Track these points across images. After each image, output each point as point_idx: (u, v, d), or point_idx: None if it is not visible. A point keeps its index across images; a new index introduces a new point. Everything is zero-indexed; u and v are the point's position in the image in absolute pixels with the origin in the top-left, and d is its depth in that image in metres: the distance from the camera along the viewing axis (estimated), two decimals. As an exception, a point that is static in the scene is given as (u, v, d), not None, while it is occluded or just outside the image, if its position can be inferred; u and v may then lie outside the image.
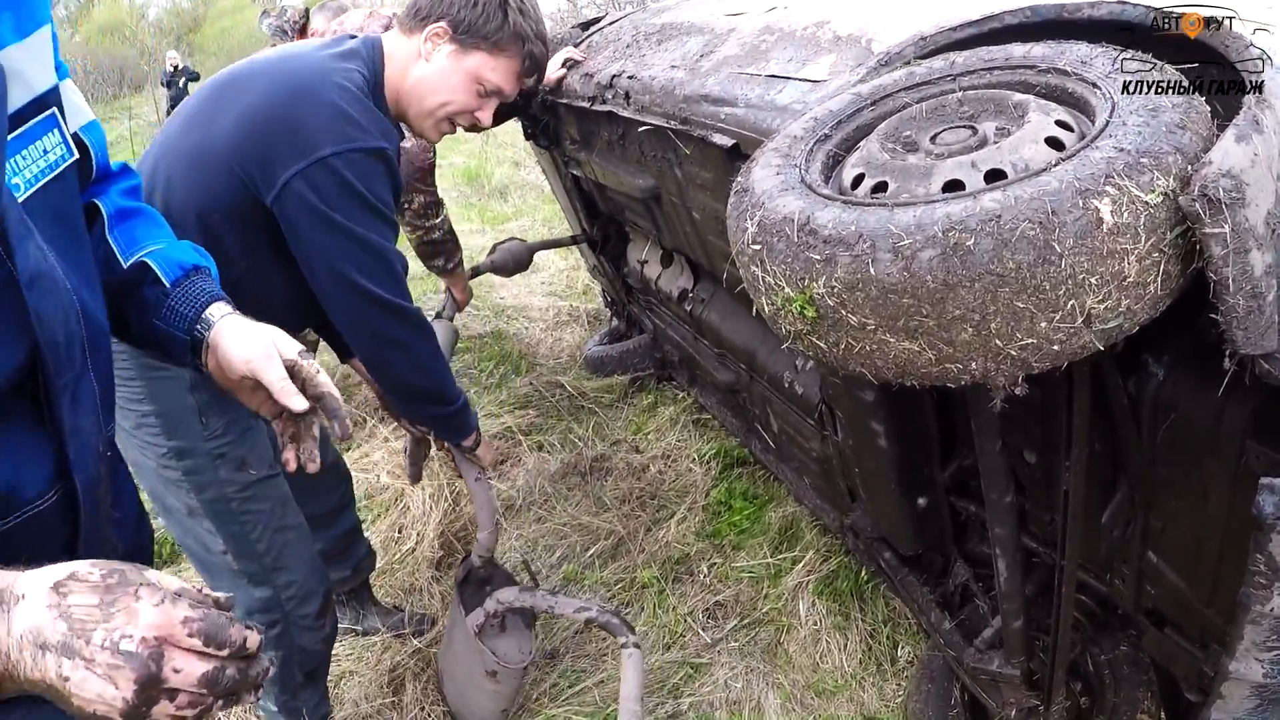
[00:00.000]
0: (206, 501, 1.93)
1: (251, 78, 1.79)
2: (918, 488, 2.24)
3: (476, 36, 1.91)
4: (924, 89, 1.44)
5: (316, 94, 1.71)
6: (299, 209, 1.70)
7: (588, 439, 3.76)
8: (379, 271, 1.81)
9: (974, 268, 0.99)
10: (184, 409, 1.85)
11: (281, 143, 1.68)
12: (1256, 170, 1.02)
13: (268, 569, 2.02)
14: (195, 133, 1.78)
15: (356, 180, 1.71)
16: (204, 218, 1.74)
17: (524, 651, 2.44)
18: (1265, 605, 1.33)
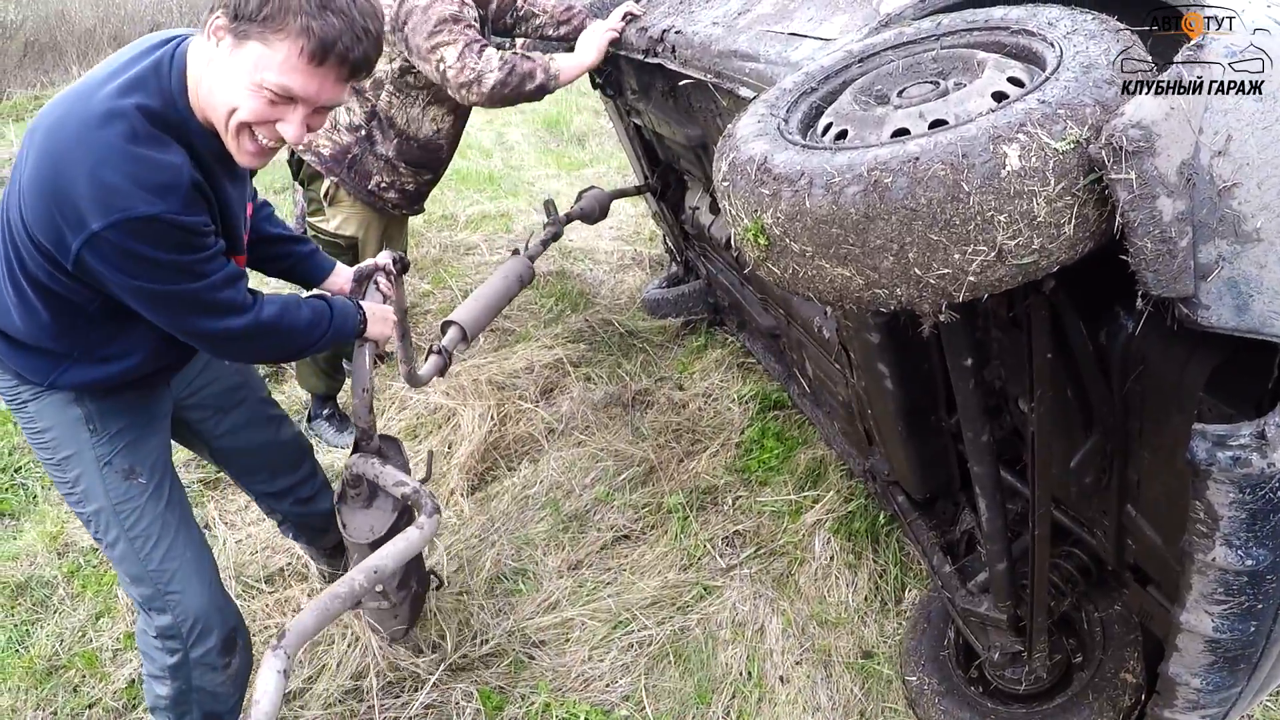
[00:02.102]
0: (94, 515, 1.95)
1: (37, 138, 1.62)
2: (923, 431, 2.34)
3: (246, 21, 1.61)
4: (908, 48, 1.54)
5: (75, 166, 1.54)
6: (97, 277, 1.63)
7: (634, 374, 3.93)
8: (202, 309, 1.72)
9: (890, 202, 1.12)
10: (71, 419, 1.89)
11: (59, 215, 1.57)
12: (1171, 123, 1.12)
13: (162, 594, 1.99)
14: (11, 196, 1.72)
15: (136, 246, 1.57)
16: (24, 282, 1.74)
17: (374, 529, 2.26)
18: (1207, 555, 1.40)
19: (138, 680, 2.60)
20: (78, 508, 1.98)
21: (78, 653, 2.73)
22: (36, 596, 3.01)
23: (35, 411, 1.90)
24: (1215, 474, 1.27)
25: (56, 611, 2.93)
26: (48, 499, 3.60)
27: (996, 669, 2.19)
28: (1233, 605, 1.41)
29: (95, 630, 2.82)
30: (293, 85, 1.63)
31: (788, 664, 2.51)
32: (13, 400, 1.91)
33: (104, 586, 2.99)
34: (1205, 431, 1.27)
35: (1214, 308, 1.15)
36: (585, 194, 3.76)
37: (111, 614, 2.87)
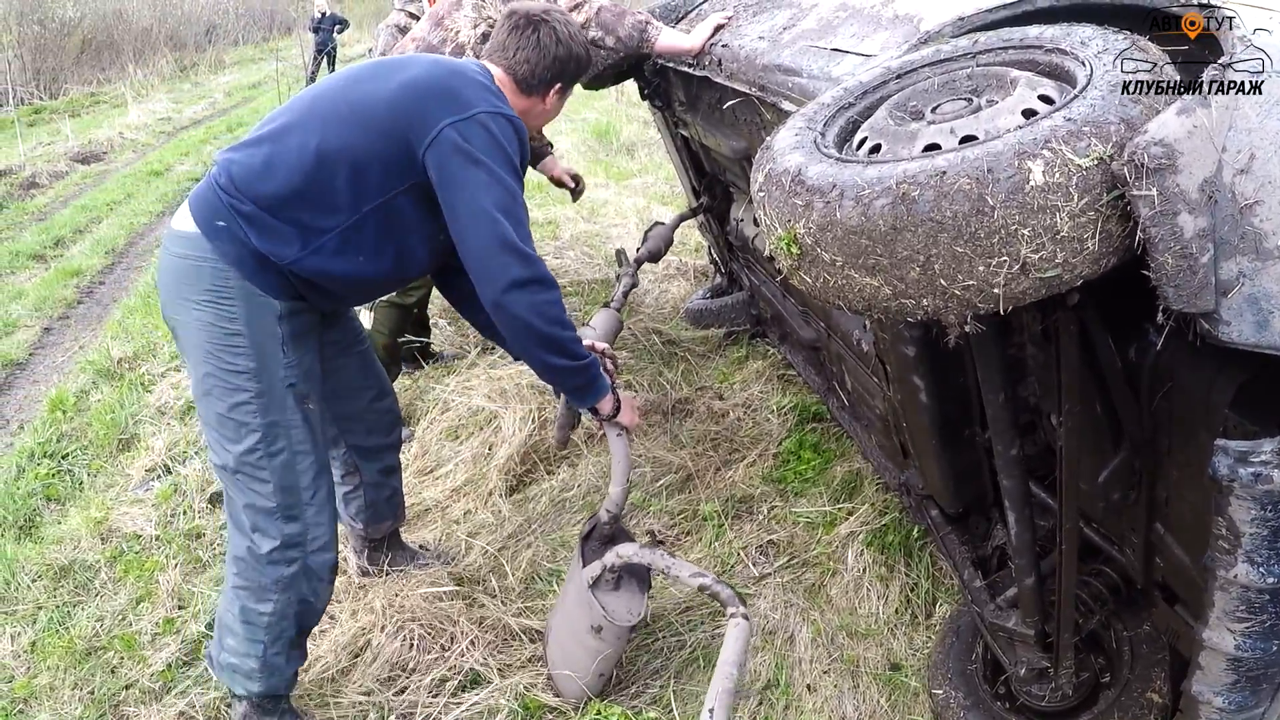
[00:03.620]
0: (268, 425, 2.12)
1: (410, 62, 2.15)
2: (957, 445, 2.36)
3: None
4: (945, 65, 1.58)
5: (469, 74, 2.13)
6: (451, 151, 2.01)
7: (675, 382, 3.98)
8: (512, 212, 2.06)
9: (917, 215, 1.16)
10: (271, 336, 2.08)
11: (440, 101, 2.03)
12: (1194, 141, 1.15)
13: (303, 504, 2.19)
14: (358, 89, 2.09)
15: (500, 136, 2.05)
16: (362, 153, 2.02)
17: (633, 612, 2.44)
18: (1230, 571, 1.41)
19: (175, 664, 2.69)
20: (247, 417, 2.10)
21: (117, 635, 2.82)
22: (79, 580, 3.12)
23: (241, 311, 2.04)
24: (1237, 490, 1.29)
25: (98, 595, 3.03)
26: (93, 485, 3.74)
27: (1023, 685, 2.20)
28: (1255, 623, 1.43)
29: (135, 614, 2.91)
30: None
31: (816, 673, 2.53)
32: (214, 291, 2.02)
33: (145, 572, 3.09)
34: (1227, 448, 1.29)
35: (1234, 323, 1.18)
36: (650, 233, 3.84)
37: (151, 599, 2.97)
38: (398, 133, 2.02)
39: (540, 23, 2.28)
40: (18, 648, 2.82)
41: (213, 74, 22.04)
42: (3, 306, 6.10)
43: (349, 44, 21.57)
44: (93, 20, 21.24)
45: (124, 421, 4.20)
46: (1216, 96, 1.19)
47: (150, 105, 15.85)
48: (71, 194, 9.76)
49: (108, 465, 3.91)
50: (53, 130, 13.58)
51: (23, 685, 2.66)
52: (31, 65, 18.64)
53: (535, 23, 2.28)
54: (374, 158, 2.02)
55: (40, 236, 7.80)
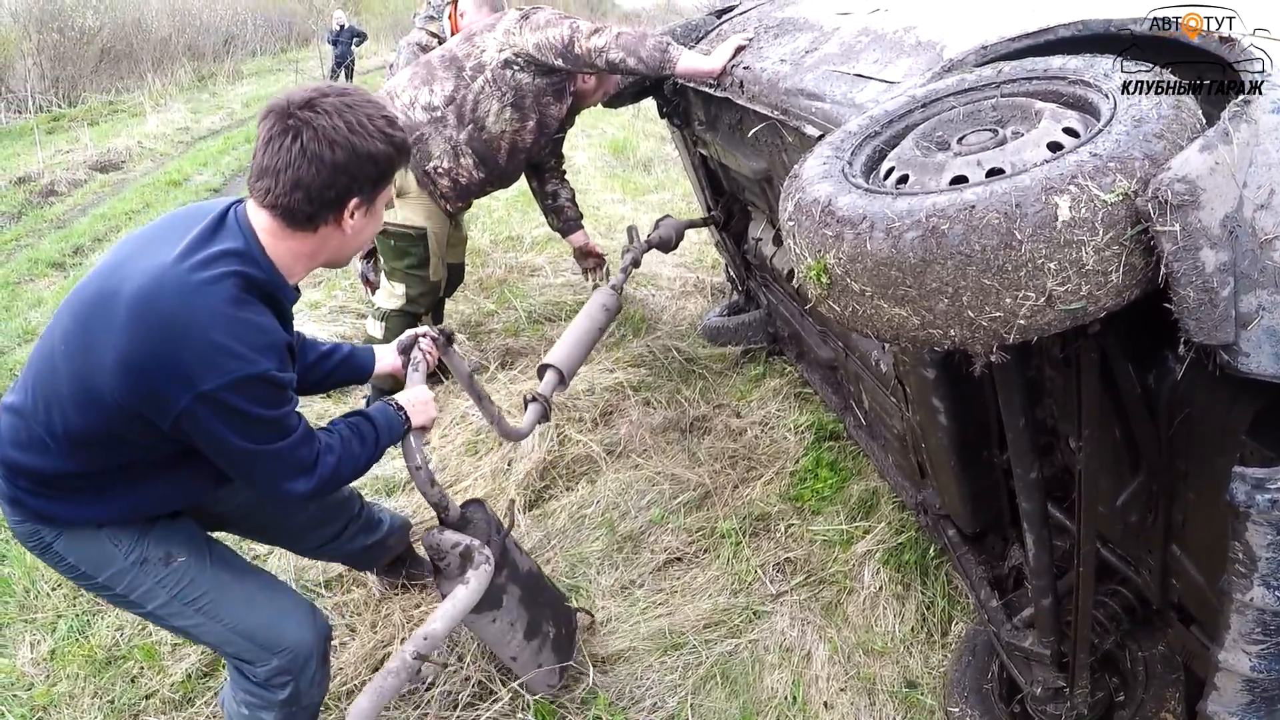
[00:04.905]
0: (162, 610, 1.99)
1: (119, 304, 1.68)
2: (975, 466, 2.38)
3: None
4: (970, 94, 1.61)
5: (184, 327, 1.64)
6: (197, 433, 1.71)
7: (693, 400, 4.00)
8: (286, 469, 1.84)
9: (947, 247, 1.19)
10: (97, 543, 1.92)
11: (163, 383, 1.65)
12: (1216, 177, 1.18)
13: (258, 647, 2.05)
14: (74, 360, 1.74)
15: (243, 404, 1.69)
16: (91, 435, 1.77)
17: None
18: (1245, 595, 1.44)
19: (195, 674, 2.71)
20: (144, 612, 2.01)
21: (137, 645, 2.84)
22: (99, 589, 3.14)
23: (62, 549, 1.92)
24: (1254, 516, 1.32)
25: (117, 605, 3.06)
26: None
27: (1038, 704, 2.21)
28: (1270, 645, 1.45)
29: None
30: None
31: (832, 690, 2.55)
32: (36, 545, 1.92)
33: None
34: (1244, 474, 1.31)
35: (1254, 355, 1.20)
36: (662, 222, 3.87)
37: (172, 609, 2.99)
38: (137, 415, 1.71)
39: (300, 124, 1.69)
40: (37, 656, 2.85)
41: (230, 84, 22.16)
42: (21, 314, 6.15)
43: (366, 56, 21.68)
44: (112, 29, 21.42)
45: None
46: (1238, 133, 1.21)
47: (168, 115, 15.96)
48: (90, 202, 9.84)
49: (129, 474, 3.94)
50: (71, 138, 13.69)
51: (43, 693, 2.69)
52: (50, 73, 18.80)
53: (292, 128, 1.70)
54: (125, 432, 1.76)
55: (59, 244, 7.87)
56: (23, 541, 1.95)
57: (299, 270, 1.86)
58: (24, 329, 5.86)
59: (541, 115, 3.56)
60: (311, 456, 1.88)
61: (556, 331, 4.78)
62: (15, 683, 2.76)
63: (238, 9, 29.37)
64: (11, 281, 6.91)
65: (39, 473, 1.83)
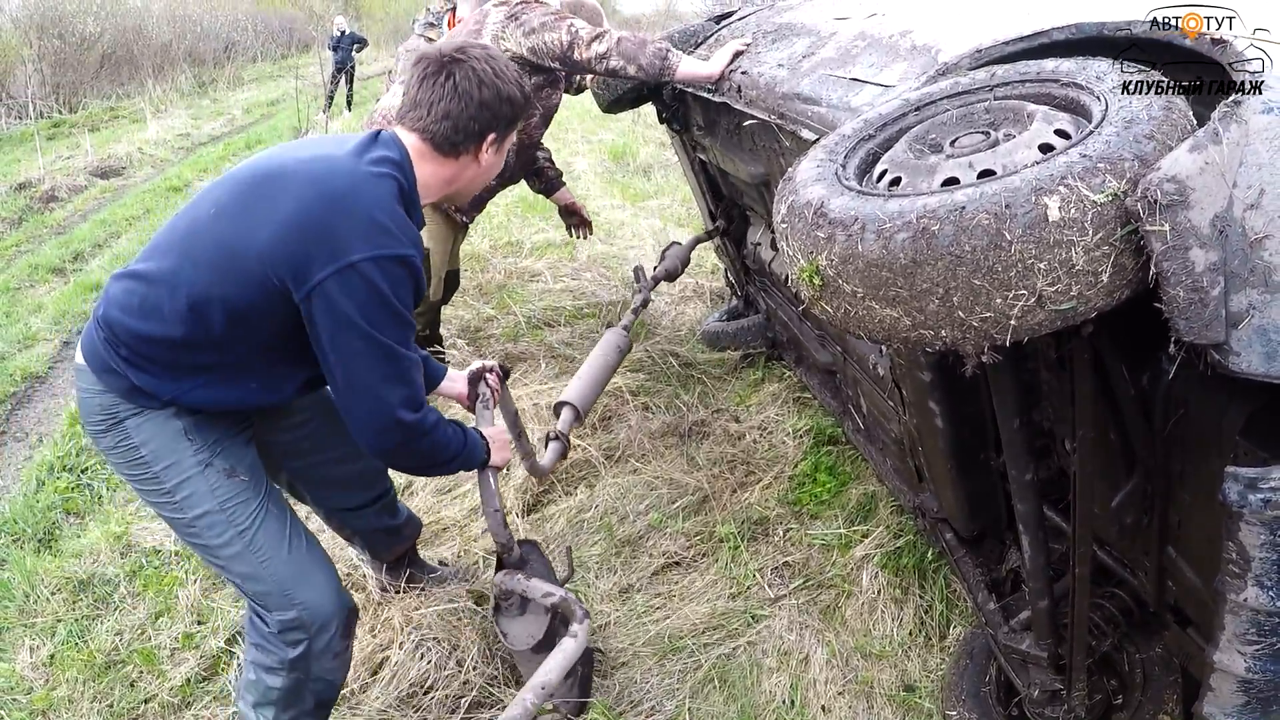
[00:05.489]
0: (199, 519, 1.98)
1: (287, 179, 1.82)
2: (972, 469, 2.39)
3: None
4: (963, 97, 1.62)
5: (351, 201, 1.77)
6: (327, 311, 1.76)
7: (691, 404, 4.00)
8: (393, 377, 1.85)
9: (937, 248, 1.19)
10: (170, 432, 1.93)
11: (315, 246, 1.74)
12: (1206, 177, 1.19)
13: (283, 590, 2.04)
14: (225, 224, 1.82)
15: (384, 285, 1.76)
16: (236, 303, 1.81)
17: (532, 635, 2.38)
18: (1239, 595, 1.45)
19: (194, 679, 2.71)
20: (181, 516, 1.99)
21: (136, 649, 2.84)
22: (98, 593, 3.14)
23: (133, 428, 1.92)
24: (1247, 516, 1.32)
25: (117, 609, 3.06)
26: (113, 500, 3.77)
27: (1036, 707, 2.21)
28: (1265, 646, 1.45)
29: (154, 629, 2.94)
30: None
31: (830, 694, 2.55)
32: (105, 420, 1.93)
33: (164, 587, 3.12)
34: (1237, 474, 1.32)
35: (1244, 355, 1.21)
36: (667, 253, 3.90)
37: (171, 614, 2.99)
38: (272, 284, 1.78)
39: (453, 64, 1.93)
40: (37, 660, 2.85)
41: (231, 90, 22.24)
42: (22, 320, 6.17)
43: (367, 62, 21.74)
44: (113, 35, 21.49)
45: (144, 436, 4.23)
46: (1228, 133, 1.22)
47: (169, 121, 16.01)
48: (91, 208, 9.86)
49: (128, 480, 3.94)
50: (72, 144, 13.73)
51: (42, 697, 2.69)
52: (51, 79, 18.86)
53: (447, 66, 1.93)
54: (250, 306, 1.81)
55: (60, 250, 7.89)
56: (90, 417, 1.95)
57: (433, 192, 2.04)
58: (24, 334, 5.87)
59: (544, 106, 3.56)
60: (420, 392, 1.94)
61: (556, 336, 4.79)
62: (15, 687, 2.76)
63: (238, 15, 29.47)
64: (11, 287, 6.93)
65: (146, 338, 1.86)
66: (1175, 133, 1.27)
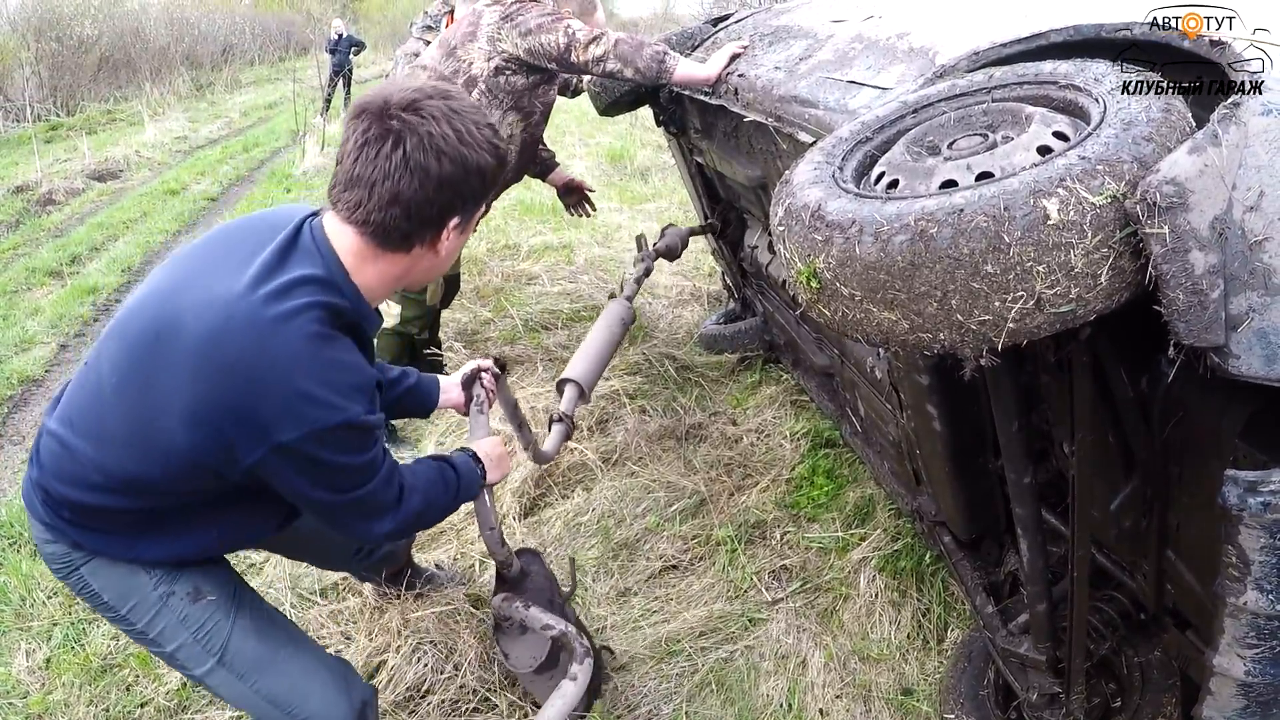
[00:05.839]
0: (179, 651, 1.81)
1: (182, 341, 1.50)
2: (971, 472, 2.38)
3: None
4: (961, 100, 1.61)
5: (261, 373, 1.46)
6: (274, 477, 1.56)
7: (689, 407, 4.00)
8: (368, 514, 1.70)
9: (935, 251, 1.19)
10: (124, 570, 1.75)
11: (235, 431, 1.48)
12: (1205, 179, 1.18)
13: (283, 709, 1.87)
14: (131, 400, 1.56)
15: (324, 455, 1.52)
16: (147, 478, 1.60)
17: (535, 657, 2.31)
18: (1239, 599, 1.44)
19: (189, 684, 2.69)
20: (160, 650, 1.83)
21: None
22: (94, 597, 3.14)
23: (89, 574, 1.75)
24: (1246, 519, 1.32)
25: (112, 613, 3.05)
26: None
27: (1034, 710, 2.21)
28: (1264, 649, 1.45)
29: (151, 633, 2.93)
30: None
31: (828, 697, 2.55)
32: (63, 567, 1.76)
33: (162, 591, 3.10)
34: (1237, 477, 1.31)
35: (1244, 357, 1.21)
36: (667, 231, 3.88)
37: (167, 618, 2.98)
38: (203, 457, 1.54)
39: (403, 128, 1.48)
40: (33, 664, 2.84)
41: (229, 93, 22.22)
42: (19, 323, 6.15)
43: (364, 65, 21.73)
44: (110, 38, 21.49)
45: (140, 439, 4.22)
46: (1227, 135, 1.22)
47: (166, 124, 15.99)
48: (88, 211, 9.84)
49: (125, 483, 3.93)
50: (69, 147, 13.71)
51: (38, 701, 2.68)
52: (49, 82, 18.84)
53: (394, 132, 1.48)
54: (188, 473, 1.58)
55: (57, 253, 7.86)
56: (49, 562, 1.78)
57: (382, 294, 1.69)
58: (21, 337, 5.86)
59: (542, 103, 3.56)
60: (394, 496, 1.72)
61: (553, 339, 4.78)
62: (11, 691, 2.75)
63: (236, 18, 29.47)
64: (9, 290, 6.91)
65: (85, 507, 1.66)
66: (1174, 135, 1.26)
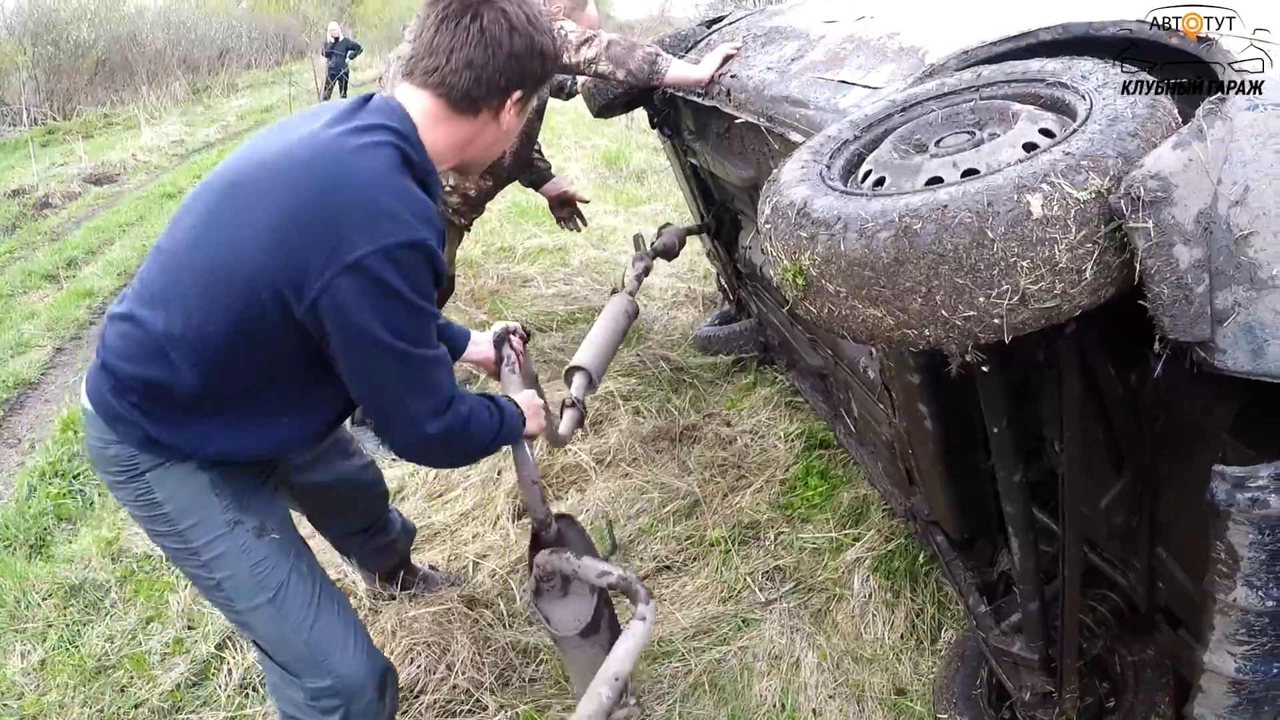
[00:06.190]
0: (228, 581, 1.83)
1: (263, 179, 1.60)
2: (962, 472, 2.38)
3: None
4: (949, 98, 1.62)
5: (341, 187, 1.54)
6: (335, 320, 1.56)
7: (683, 409, 4.01)
8: (419, 387, 1.68)
9: (919, 247, 1.19)
10: (196, 486, 1.78)
11: (309, 250, 1.52)
12: (1190, 174, 1.18)
13: (314, 657, 1.90)
14: (206, 249, 1.63)
15: (395, 279, 1.54)
16: (240, 329, 1.61)
17: (580, 619, 2.22)
18: (1229, 595, 1.44)
19: (184, 684, 2.70)
20: (208, 576, 1.83)
21: (127, 654, 2.83)
22: (89, 599, 3.13)
23: (155, 481, 1.76)
24: (1235, 515, 1.32)
25: (108, 614, 3.05)
26: (104, 506, 3.76)
27: (1027, 710, 2.21)
28: (1255, 646, 1.45)
29: (145, 634, 2.92)
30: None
31: (821, 697, 2.55)
32: (126, 472, 1.76)
33: (155, 593, 3.10)
34: (1224, 473, 1.31)
35: (1230, 352, 1.21)
36: (664, 230, 3.89)
37: (162, 619, 2.98)
38: (271, 304, 1.57)
39: (482, 4, 1.63)
40: (27, 665, 2.84)
41: (225, 97, 22.20)
42: (15, 326, 6.15)
43: (361, 69, 21.73)
44: (106, 42, 21.51)
45: (136, 442, 4.21)
46: (1212, 130, 1.22)
47: (163, 128, 15.98)
48: (84, 214, 9.84)
49: (119, 485, 3.92)
50: (66, 151, 13.72)
51: (32, 702, 2.68)
52: (45, 86, 18.86)
53: (473, 7, 1.63)
54: (256, 334, 1.62)
55: (53, 256, 7.87)
56: (105, 467, 1.77)
57: (447, 158, 1.77)
58: (17, 340, 5.86)
59: (538, 99, 3.56)
60: (448, 390, 1.73)
61: (548, 341, 4.79)
62: (5, 692, 2.75)
63: (232, 22, 29.46)
64: (5, 294, 6.92)
65: (154, 385, 1.67)
66: (1160, 130, 1.27)
